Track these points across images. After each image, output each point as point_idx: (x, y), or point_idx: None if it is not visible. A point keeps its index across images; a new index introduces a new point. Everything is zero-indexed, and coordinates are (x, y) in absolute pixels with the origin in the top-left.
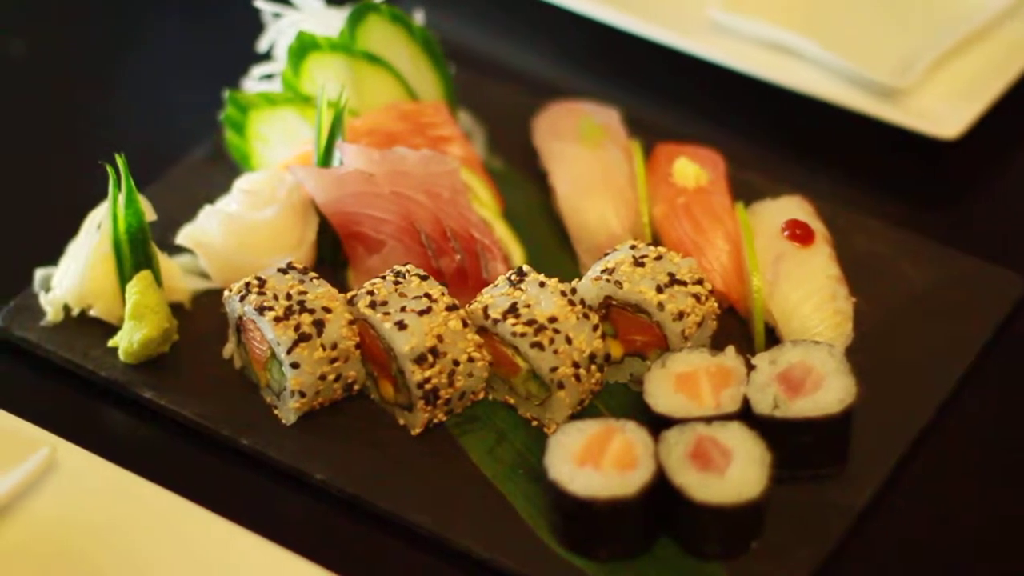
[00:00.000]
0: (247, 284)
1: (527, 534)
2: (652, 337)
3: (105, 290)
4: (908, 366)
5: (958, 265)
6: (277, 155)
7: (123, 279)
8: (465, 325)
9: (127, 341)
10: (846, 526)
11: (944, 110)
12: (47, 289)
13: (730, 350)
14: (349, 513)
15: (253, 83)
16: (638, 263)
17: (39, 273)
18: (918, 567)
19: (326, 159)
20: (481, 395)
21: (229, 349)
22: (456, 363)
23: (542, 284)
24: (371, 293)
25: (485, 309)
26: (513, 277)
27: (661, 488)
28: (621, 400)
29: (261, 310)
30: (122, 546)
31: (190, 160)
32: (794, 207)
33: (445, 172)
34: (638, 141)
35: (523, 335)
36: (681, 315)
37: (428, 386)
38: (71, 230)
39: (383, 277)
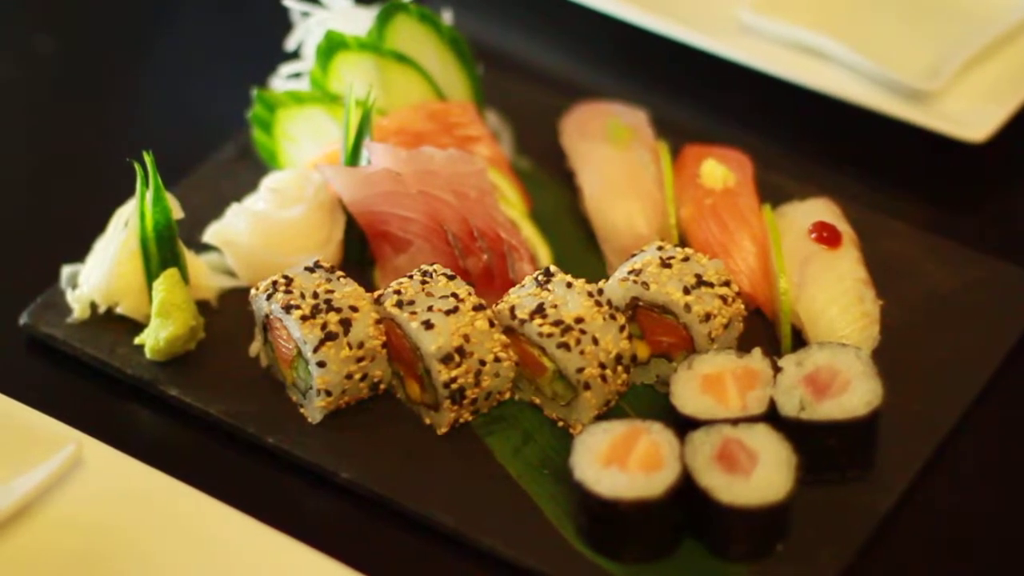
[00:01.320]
0: (274, 282)
1: (552, 534)
2: (679, 338)
3: (132, 287)
4: (935, 369)
5: (985, 268)
6: (305, 154)
7: (150, 276)
8: (492, 325)
9: (153, 339)
10: (871, 529)
11: (972, 113)
12: (74, 286)
13: (756, 352)
14: (374, 512)
15: (281, 82)
16: (665, 264)
17: (66, 270)
18: (943, 570)
19: (354, 158)
20: (507, 395)
21: (255, 347)
22: (482, 363)
23: (569, 285)
24: (398, 292)
25: (512, 309)
26: (540, 277)
27: (687, 490)
28: (647, 401)
29: (288, 308)
30: (147, 543)
31: (218, 158)
32: (821, 209)
33: (472, 172)
34: (666, 142)
35: (550, 335)
36: (708, 317)
37: (454, 386)
38: (98, 227)
39: (410, 276)
